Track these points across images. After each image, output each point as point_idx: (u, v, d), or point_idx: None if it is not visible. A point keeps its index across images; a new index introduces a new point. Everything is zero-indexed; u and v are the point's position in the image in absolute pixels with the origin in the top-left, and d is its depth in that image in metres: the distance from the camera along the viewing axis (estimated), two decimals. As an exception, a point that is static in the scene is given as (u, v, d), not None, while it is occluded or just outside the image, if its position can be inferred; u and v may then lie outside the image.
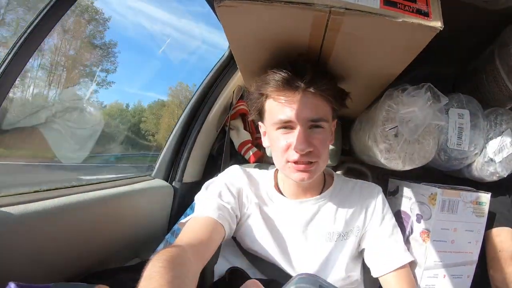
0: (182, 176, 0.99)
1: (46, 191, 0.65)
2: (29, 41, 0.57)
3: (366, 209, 0.67)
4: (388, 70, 0.62)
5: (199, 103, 1.00)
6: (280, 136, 0.59)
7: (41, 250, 0.59)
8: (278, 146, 0.59)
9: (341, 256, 0.64)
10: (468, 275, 0.71)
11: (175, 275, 0.37)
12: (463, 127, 0.72)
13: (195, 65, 22.39)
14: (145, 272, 0.38)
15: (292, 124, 0.57)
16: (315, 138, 0.57)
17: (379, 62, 0.60)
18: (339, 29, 0.51)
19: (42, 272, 0.60)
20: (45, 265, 0.61)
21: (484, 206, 0.70)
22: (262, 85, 0.58)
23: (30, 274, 0.57)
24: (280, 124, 0.58)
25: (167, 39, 39.65)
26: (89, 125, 2.64)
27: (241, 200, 0.66)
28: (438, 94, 0.66)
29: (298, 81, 0.55)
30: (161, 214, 0.94)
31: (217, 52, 1.05)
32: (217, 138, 1.09)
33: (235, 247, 0.69)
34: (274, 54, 0.59)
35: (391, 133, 0.66)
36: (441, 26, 0.47)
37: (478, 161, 0.76)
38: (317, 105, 0.56)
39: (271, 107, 0.59)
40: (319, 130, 0.58)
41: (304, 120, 0.56)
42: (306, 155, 0.57)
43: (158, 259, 0.40)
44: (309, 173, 0.59)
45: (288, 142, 0.57)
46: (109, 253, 0.77)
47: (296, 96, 0.55)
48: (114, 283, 0.55)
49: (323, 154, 0.60)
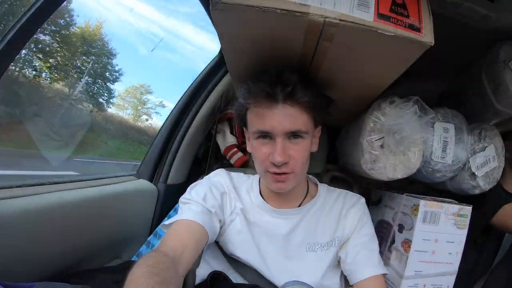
0: (166, 178, 0.98)
1: (26, 186, 0.63)
2: (20, 33, 0.55)
3: (347, 220, 0.67)
4: (378, 81, 0.64)
5: (187, 104, 1.00)
6: (259, 145, 0.59)
7: (22, 248, 0.57)
8: (257, 155, 0.60)
9: (320, 266, 0.65)
10: (447, 286, 0.72)
11: (159, 280, 0.37)
12: (448, 140, 0.74)
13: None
14: (129, 276, 0.37)
15: (271, 134, 0.57)
16: (293, 149, 0.58)
17: (369, 73, 0.61)
18: (332, 39, 0.52)
19: (23, 271, 0.59)
20: (26, 263, 0.59)
21: (466, 218, 0.71)
22: (244, 94, 0.59)
23: (11, 273, 0.56)
24: (259, 134, 0.59)
25: (159, 38, 39.59)
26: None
27: (225, 204, 0.66)
28: (425, 107, 0.68)
29: (277, 92, 0.55)
30: (144, 215, 0.93)
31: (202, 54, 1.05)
32: (203, 141, 1.09)
33: (217, 251, 0.69)
34: (265, 59, 0.59)
35: (377, 143, 0.67)
36: (431, 42, 0.48)
37: (461, 174, 0.78)
38: (296, 117, 0.56)
39: (251, 117, 0.60)
40: (299, 141, 0.58)
41: (282, 131, 0.56)
42: (282, 167, 0.57)
43: (142, 264, 0.40)
44: (286, 183, 0.60)
45: (266, 152, 0.58)
46: (91, 253, 0.76)
47: (275, 107, 0.55)
48: (95, 283, 0.54)
49: (302, 164, 0.60)
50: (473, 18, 0.63)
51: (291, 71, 0.57)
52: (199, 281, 0.66)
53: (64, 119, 7.67)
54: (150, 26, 42.97)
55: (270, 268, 0.64)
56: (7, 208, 0.54)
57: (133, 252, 0.81)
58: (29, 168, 4.47)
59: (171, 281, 0.40)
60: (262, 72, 0.59)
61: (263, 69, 0.60)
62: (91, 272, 0.67)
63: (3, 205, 0.54)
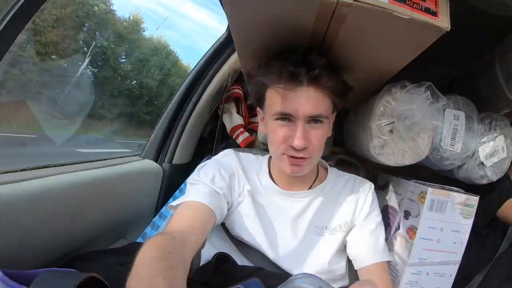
0: (172, 158, 0.97)
1: (31, 169, 0.63)
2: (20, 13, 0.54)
3: (356, 205, 0.67)
4: (389, 65, 0.62)
5: (193, 84, 0.98)
6: (278, 127, 0.58)
7: (26, 233, 0.57)
8: (275, 137, 0.58)
9: (327, 250, 0.65)
10: (450, 274, 0.72)
11: (167, 265, 0.36)
12: (458, 128, 0.73)
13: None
14: (136, 261, 0.37)
15: (292, 117, 0.56)
16: (313, 134, 0.57)
17: (381, 57, 0.60)
18: (345, 20, 0.50)
19: (27, 256, 0.59)
20: (30, 248, 0.59)
21: (472, 208, 0.71)
22: (265, 73, 0.57)
23: (15, 258, 0.56)
24: (279, 116, 0.57)
25: (157, 15, 38.67)
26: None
27: (233, 186, 0.65)
28: (437, 94, 0.66)
29: (303, 75, 0.53)
30: (149, 195, 0.92)
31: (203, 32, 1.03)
32: (209, 120, 1.07)
33: (222, 232, 0.69)
34: (275, 37, 0.58)
35: (387, 128, 0.66)
36: (447, 27, 0.47)
37: (469, 163, 0.77)
38: (319, 101, 0.55)
39: (272, 97, 0.58)
40: (319, 125, 0.57)
41: (304, 115, 0.55)
42: (301, 151, 0.56)
43: (149, 248, 0.39)
44: (303, 167, 0.59)
45: (286, 134, 0.57)
46: (96, 235, 0.76)
47: (299, 90, 0.54)
48: (101, 266, 0.54)
49: (319, 149, 0.59)
50: (490, 4, 0.61)
51: (318, 53, 0.55)
52: (204, 262, 0.66)
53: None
54: (148, 3, 42.11)
55: (276, 251, 0.64)
56: (11, 192, 0.54)
57: (139, 233, 0.81)
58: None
59: (178, 265, 0.39)
60: (273, 50, 0.57)
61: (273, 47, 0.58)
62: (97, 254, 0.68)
63: (8, 189, 0.53)
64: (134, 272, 0.35)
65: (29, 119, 5.72)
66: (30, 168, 0.63)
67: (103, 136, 10.60)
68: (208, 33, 70.09)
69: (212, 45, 0.98)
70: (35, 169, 0.64)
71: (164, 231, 0.50)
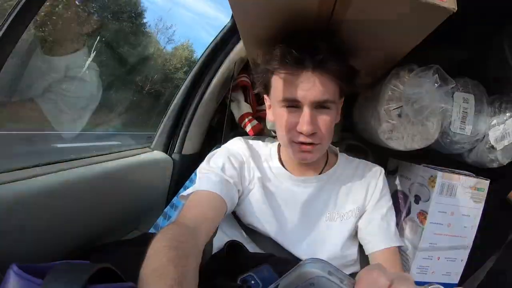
0: (181, 148, 0.97)
1: (44, 165, 0.64)
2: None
3: (367, 191, 0.67)
4: (396, 49, 0.61)
5: (200, 74, 0.98)
6: (284, 114, 0.57)
7: (41, 228, 0.58)
8: (282, 124, 0.58)
9: (339, 236, 0.65)
10: (462, 259, 0.72)
11: (179, 254, 0.36)
12: (468, 111, 0.72)
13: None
14: (149, 251, 0.37)
15: (298, 103, 0.55)
16: (321, 119, 0.56)
17: (388, 40, 0.59)
18: (350, 4, 0.50)
19: (42, 250, 0.60)
20: (45, 242, 0.60)
21: (483, 192, 0.70)
22: (270, 59, 0.56)
23: (30, 253, 0.57)
24: (285, 103, 0.56)
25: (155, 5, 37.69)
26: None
27: (243, 174, 0.65)
28: (446, 76, 0.65)
29: (308, 60, 0.52)
30: (160, 186, 0.93)
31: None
32: (217, 110, 1.08)
33: (233, 220, 0.69)
34: (279, 23, 0.57)
35: (395, 113, 0.65)
36: (454, 8, 0.46)
37: (479, 147, 0.76)
38: (325, 86, 0.54)
39: (277, 83, 0.57)
40: (326, 111, 0.57)
41: (310, 101, 0.54)
42: (310, 137, 0.56)
43: (162, 238, 0.39)
44: (312, 154, 0.59)
45: (293, 121, 0.56)
46: (109, 227, 0.77)
47: (304, 75, 0.53)
48: (114, 257, 0.55)
49: (328, 135, 0.59)
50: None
51: (322, 38, 0.54)
52: (215, 250, 0.67)
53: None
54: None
55: (288, 237, 0.64)
56: (25, 188, 0.54)
57: (151, 224, 0.83)
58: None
59: (190, 253, 0.39)
60: (277, 36, 0.57)
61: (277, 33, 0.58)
62: (110, 246, 0.69)
63: (21, 186, 0.54)
64: (146, 262, 0.35)
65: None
66: (42, 164, 0.64)
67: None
68: (209, 23, 69.33)
69: (217, 34, 0.97)
70: (48, 164, 0.65)
71: (176, 220, 0.50)
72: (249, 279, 0.53)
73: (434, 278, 0.71)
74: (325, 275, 0.24)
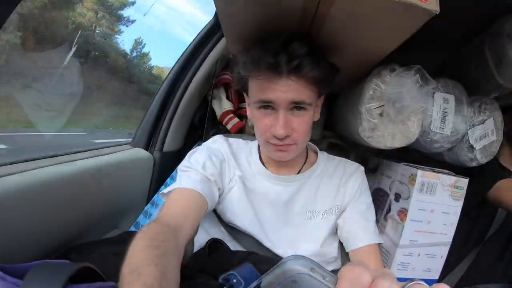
0: (162, 145, 0.96)
1: (20, 163, 0.61)
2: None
3: (347, 189, 0.67)
4: (378, 48, 0.62)
5: (182, 70, 0.97)
6: (260, 115, 0.57)
7: (17, 227, 0.56)
8: (258, 125, 0.59)
9: (319, 234, 0.65)
10: (441, 256, 0.73)
11: (159, 253, 0.36)
12: (447, 111, 0.73)
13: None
14: (129, 250, 0.36)
15: (273, 105, 0.55)
16: (296, 121, 0.56)
17: (370, 40, 0.59)
18: (333, 4, 0.50)
19: (20, 250, 0.58)
20: (22, 242, 0.58)
21: (462, 190, 0.72)
22: (245, 63, 0.55)
23: (6, 253, 0.55)
24: (261, 104, 0.56)
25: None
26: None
27: (224, 172, 0.65)
28: (427, 77, 0.66)
29: (282, 64, 0.51)
30: (141, 183, 0.92)
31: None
32: (199, 107, 1.07)
33: (214, 218, 0.69)
34: (262, 24, 0.57)
35: (376, 111, 0.66)
36: (436, 10, 0.46)
37: (459, 146, 0.78)
38: (300, 89, 0.54)
39: (253, 86, 0.57)
40: (302, 112, 0.56)
41: (285, 103, 0.54)
42: (284, 139, 0.56)
43: (142, 237, 0.39)
44: (289, 153, 0.59)
45: (268, 123, 0.56)
46: (88, 225, 0.76)
47: (278, 80, 0.53)
48: (94, 256, 0.54)
49: (304, 135, 0.59)
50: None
51: (299, 41, 0.53)
52: (197, 248, 0.66)
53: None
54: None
55: (268, 235, 0.64)
56: (1, 185, 0.52)
57: (131, 222, 0.82)
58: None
59: (171, 252, 0.39)
60: (260, 38, 0.56)
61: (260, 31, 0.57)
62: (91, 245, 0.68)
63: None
64: (127, 261, 0.35)
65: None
66: (20, 161, 0.62)
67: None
68: (184, 18, 68.15)
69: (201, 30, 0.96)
70: (25, 161, 0.63)
71: (157, 219, 0.49)
72: (231, 278, 0.53)
73: (414, 275, 0.72)
74: (308, 272, 0.23)
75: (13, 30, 4.89)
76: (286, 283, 0.24)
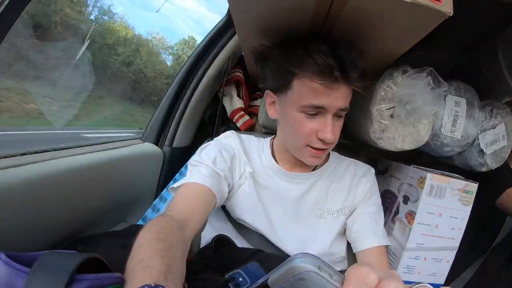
0: (172, 141, 0.97)
1: (31, 154, 0.62)
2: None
3: (357, 189, 0.67)
4: (391, 50, 0.62)
5: (193, 67, 0.97)
6: (303, 119, 0.56)
7: (27, 217, 0.57)
8: (300, 129, 0.57)
9: (328, 233, 0.65)
10: (447, 260, 0.73)
11: (165, 246, 0.36)
12: (459, 115, 0.72)
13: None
14: (136, 243, 0.37)
15: (322, 110, 0.55)
16: (337, 126, 0.58)
17: (383, 41, 0.59)
18: (346, 3, 0.50)
19: (29, 240, 0.59)
20: (31, 232, 0.59)
21: (471, 195, 0.71)
22: (297, 63, 0.54)
23: (16, 242, 0.56)
24: (309, 109, 0.55)
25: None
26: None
27: (234, 167, 0.65)
28: (439, 79, 0.66)
29: (336, 69, 0.52)
30: (150, 178, 0.93)
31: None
32: (210, 104, 1.07)
33: (222, 214, 0.69)
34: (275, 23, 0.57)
35: (387, 113, 0.66)
36: (450, 12, 0.46)
37: (469, 150, 0.77)
38: (348, 97, 0.56)
39: (303, 88, 0.55)
40: (341, 118, 0.59)
41: (335, 109, 0.55)
42: (328, 144, 0.57)
43: (149, 230, 0.39)
44: (321, 158, 0.61)
45: (313, 128, 0.56)
46: (96, 218, 0.76)
47: (334, 85, 0.53)
48: (101, 249, 0.54)
49: (337, 140, 0.60)
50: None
51: (345, 46, 0.54)
52: (204, 244, 0.67)
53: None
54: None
55: (277, 233, 0.64)
56: (12, 176, 0.53)
57: (139, 216, 0.82)
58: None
59: (177, 246, 0.39)
60: (284, 34, 0.56)
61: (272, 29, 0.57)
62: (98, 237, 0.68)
63: (8, 174, 0.53)
64: (133, 253, 0.35)
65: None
66: (30, 153, 0.63)
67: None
68: (189, 16, 68.16)
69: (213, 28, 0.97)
70: (35, 153, 0.63)
71: (164, 213, 0.50)
72: (236, 276, 0.53)
73: (420, 278, 0.72)
74: (315, 270, 0.23)
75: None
76: (294, 280, 0.24)
